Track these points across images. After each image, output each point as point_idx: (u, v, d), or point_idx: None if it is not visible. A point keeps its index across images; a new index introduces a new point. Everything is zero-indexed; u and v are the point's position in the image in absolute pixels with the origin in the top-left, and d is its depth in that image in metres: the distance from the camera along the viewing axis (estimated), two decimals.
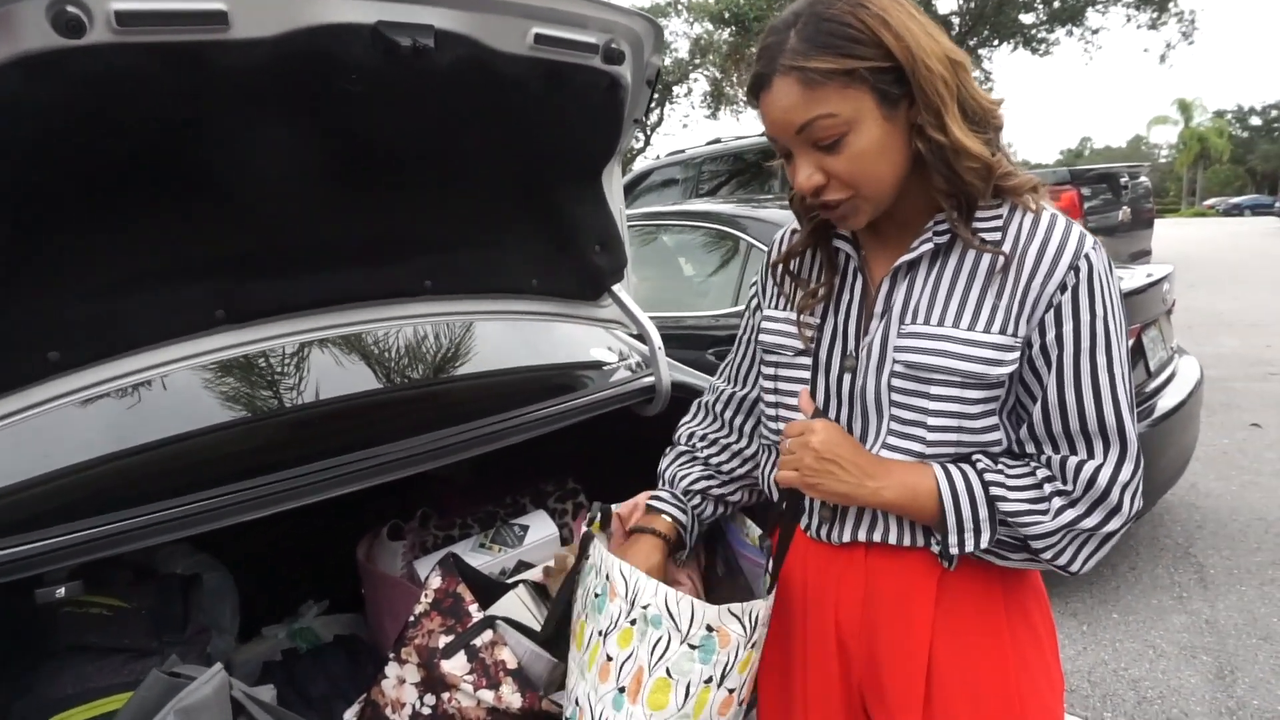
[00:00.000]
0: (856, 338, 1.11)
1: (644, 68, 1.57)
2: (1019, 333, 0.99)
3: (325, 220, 1.44)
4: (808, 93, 0.94)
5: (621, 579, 1.10)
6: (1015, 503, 1.00)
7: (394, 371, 1.89)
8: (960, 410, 1.02)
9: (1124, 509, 0.99)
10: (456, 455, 1.55)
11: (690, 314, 4.00)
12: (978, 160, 0.97)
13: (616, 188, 1.82)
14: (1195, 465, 4.07)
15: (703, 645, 1.03)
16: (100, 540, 1.21)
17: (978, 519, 1.01)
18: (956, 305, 1.02)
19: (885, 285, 1.08)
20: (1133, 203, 6.90)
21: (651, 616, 1.05)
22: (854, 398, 1.10)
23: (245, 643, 1.89)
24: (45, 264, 1.19)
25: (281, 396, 1.71)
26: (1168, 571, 3.46)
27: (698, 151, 8.26)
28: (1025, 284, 0.99)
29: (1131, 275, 3.49)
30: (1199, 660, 2.84)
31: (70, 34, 0.95)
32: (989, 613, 1.08)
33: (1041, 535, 1.00)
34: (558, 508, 1.99)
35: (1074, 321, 0.98)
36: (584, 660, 1.14)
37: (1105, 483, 0.98)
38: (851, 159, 0.97)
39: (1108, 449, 0.99)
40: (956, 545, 1.02)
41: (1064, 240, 0.99)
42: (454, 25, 1.25)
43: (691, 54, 22.46)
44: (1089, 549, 1.02)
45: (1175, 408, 3.31)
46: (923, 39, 0.95)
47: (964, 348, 1.00)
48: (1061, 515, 0.99)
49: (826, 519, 1.14)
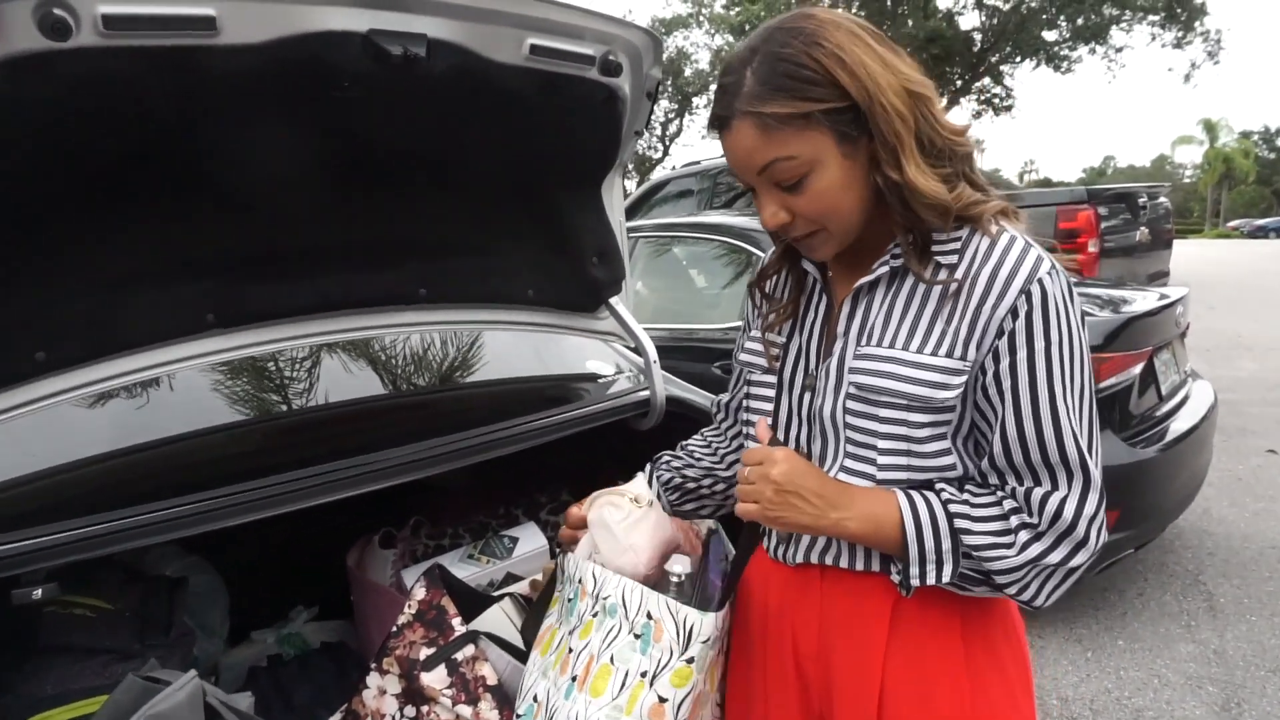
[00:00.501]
0: (818, 358, 1.10)
1: (643, 80, 1.56)
2: (967, 356, 0.97)
3: (318, 225, 1.44)
4: (765, 136, 0.94)
5: (591, 578, 1.12)
6: (980, 535, 0.97)
7: (388, 378, 1.88)
8: (907, 434, 1.00)
9: (1090, 542, 0.96)
10: (449, 464, 1.54)
11: (699, 326, 3.98)
12: (933, 200, 0.95)
13: (617, 199, 1.82)
14: (1208, 490, 4.01)
15: (643, 634, 1.03)
16: (85, 541, 1.21)
17: (940, 551, 0.98)
18: (908, 328, 1.01)
19: (848, 305, 1.08)
20: (1151, 223, 6.82)
21: (609, 606, 1.06)
22: (812, 418, 1.09)
23: (235, 646, 1.89)
24: (34, 264, 1.19)
25: (274, 401, 1.71)
26: (1176, 599, 3.40)
27: (714, 163, 8.25)
28: (976, 308, 0.96)
29: (1144, 297, 3.44)
30: (1205, 691, 2.78)
31: (56, 36, 0.95)
32: (945, 639, 1.05)
33: (1006, 570, 0.97)
34: (550, 519, 1.98)
35: (1027, 349, 0.95)
36: (548, 662, 1.15)
37: (1071, 515, 0.95)
38: (814, 198, 0.97)
39: (1070, 480, 0.96)
40: (918, 577, 0.99)
41: (1017, 264, 0.96)
42: (447, 34, 1.25)
43: (712, 65, 22.52)
44: (1052, 583, 0.99)
45: (1187, 432, 3.25)
46: (880, 75, 0.93)
47: (910, 370, 0.99)
48: (1027, 550, 0.96)
49: (784, 539, 1.13)
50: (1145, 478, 3.02)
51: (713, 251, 4.28)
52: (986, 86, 19.11)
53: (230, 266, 1.37)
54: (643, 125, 1.70)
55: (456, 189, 1.54)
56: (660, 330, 4.03)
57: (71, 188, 1.14)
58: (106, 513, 1.24)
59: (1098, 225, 5.80)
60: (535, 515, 1.98)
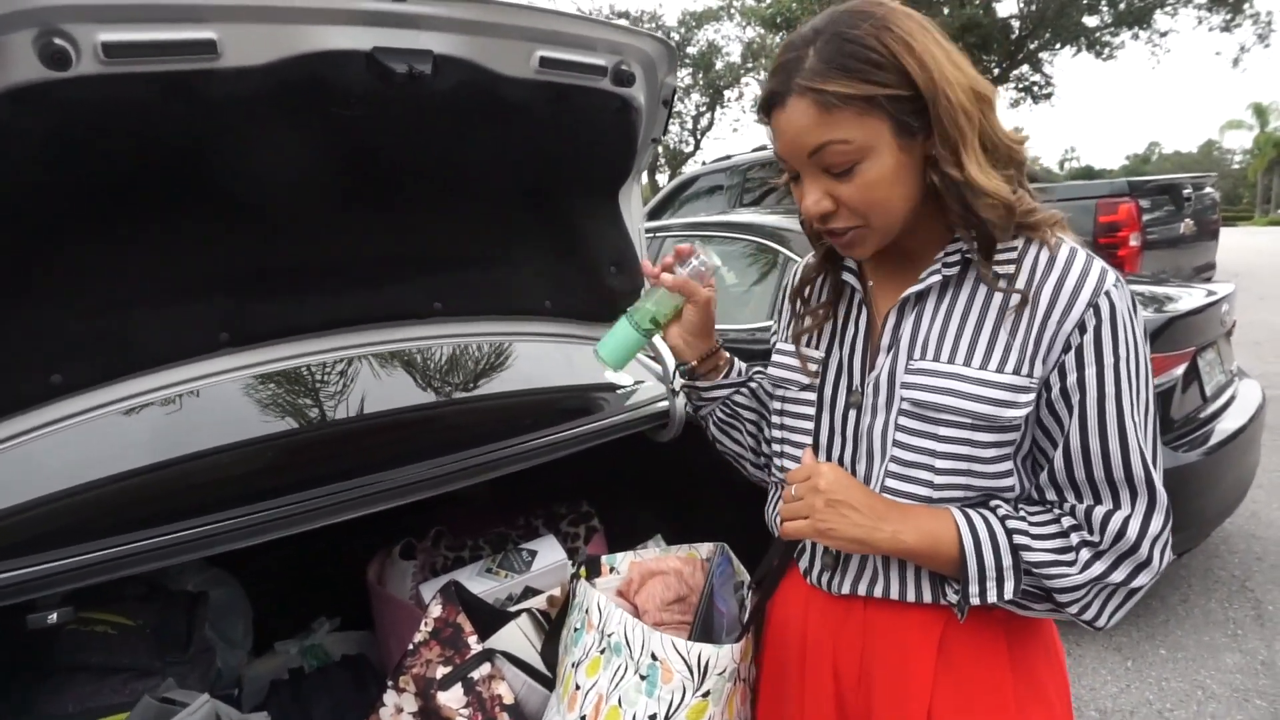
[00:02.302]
0: (862, 373, 1.07)
1: (659, 88, 1.53)
2: (1034, 373, 0.94)
3: (331, 242, 1.44)
4: (823, 116, 0.90)
5: (597, 610, 1.11)
6: (1041, 553, 0.95)
7: (406, 392, 1.88)
8: (971, 453, 0.96)
9: (1154, 563, 0.94)
10: (468, 481, 1.53)
11: (729, 327, 3.94)
12: (996, 199, 0.92)
13: (635, 207, 1.79)
14: (1256, 493, 3.88)
15: (648, 676, 1.01)
16: (104, 564, 1.21)
17: (1001, 569, 0.95)
18: (968, 342, 0.97)
19: (892, 317, 1.04)
20: (1196, 215, 6.61)
21: (614, 644, 1.05)
22: (859, 436, 1.05)
23: (258, 657, 1.90)
24: (46, 288, 1.20)
25: (293, 417, 1.71)
26: (1221, 606, 3.29)
27: (744, 158, 8.17)
28: (1041, 322, 0.93)
29: (1188, 295, 3.33)
30: (1252, 704, 2.68)
31: (57, 67, 0.95)
32: (993, 670, 1.02)
33: (1068, 589, 0.94)
34: (570, 531, 1.96)
35: (1096, 365, 0.92)
36: (559, 693, 1.14)
37: (1135, 535, 0.92)
38: (862, 187, 0.93)
39: (1134, 499, 0.93)
40: (978, 595, 0.95)
41: (1083, 277, 0.93)
42: (454, 50, 1.23)
43: (744, 58, 22.37)
44: (1115, 603, 0.96)
45: (1234, 434, 3.14)
46: (947, 69, 0.91)
47: (975, 387, 0.95)
48: (1090, 569, 0.93)
49: (829, 566, 1.09)
50: (1188, 482, 2.92)
51: (742, 251, 4.23)
52: (1025, 74, 18.69)
53: (242, 285, 1.37)
54: (660, 133, 1.67)
55: (469, 202, 1.52)
56: None
57: (80, 212, 1.14)
58: (125, 534, 1.24)
59: (1140, 218, 5.62)
60: (555, 526, 1.96)
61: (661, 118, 1.62)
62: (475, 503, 2.09)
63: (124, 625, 1.47)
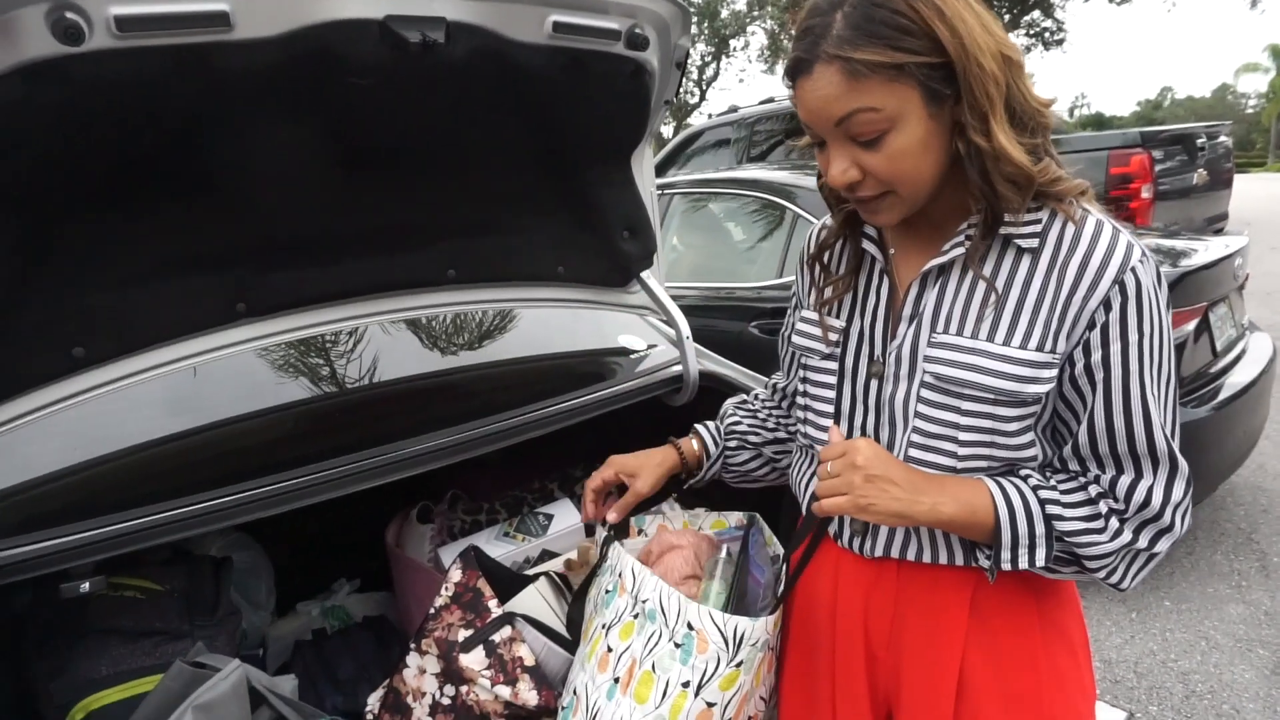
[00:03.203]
0: (884, 343, 1.07)
1: (672, 50, 1.51)
2: (1058, 349, 0.94)
3: (344, 212, 1.43)
4: (851, 84, 0.88)
5: (631, 575, 1.11)
6: (1073, 521, 0.97)
7: (422, 360, 1.89)
8: (994, 426, 0.98)
9: (1175, 529, 0.97)
10: (485, 448, 1.56)
11: (736, 285, 3.93)
12: (1018, 169, 0.91)
13: (648, 169, 1.77)
14: (1264, 444, 3.89)
15: (683, 645, 1.02)
16: (131, 535, 1.24)
17: (1034, 536, 0.97)
18: (991, 317, 0.97)
19: (915, 289, 1.04)
20: (1210, 164, 6.52)
21: (649, 610, 1.06)
22: (880, 406, 1.06)
23: (281, 618, 1.95)
24: (66, 262, 1.20)
25: (312, 385, 1.73)
26: (1227, 558, 3.33)
27: (750, 111, 8.05)
28: (1066, 298, 0.93)
29: (1201, 249, 3.30)
30: (1255, 654, 2.73)
31: (70, 41, 0.94)
32: (1023, 625, 1.05)
33: (1098, 555, 0.97)
34: None
35: (1121, 342, 0.93)
36: (585, 652, 1.15)
37: (1159, 503, 0.95)
38: (890, 157, 0.92)
39: (1156, 469, 0.96)
40: (1009, 561, 0.98)
41: (1109, 252, 0.92)
42: (467, 16, 1.21)
43: (750, 5, 21.91)
44: (1137, 566, 0.99)
45: (1243, 389, 3.15)
46: (979, 34, 0.89)
47: (998, 364, 0.95)
48: (1119, 537, 0.96)
49: (859, 531, 1.11)
50: (1197, 438, 2.93)
51: (749, 207, 4.19)
52: (1036, 20, 18.31)
53: (257, 256, 1.37)
54: (673, 95, 1.65)
55: (482, 169, 1.51)
56: (696, 289, 3.99)
57: (96, 186, 1.14)
58: (154, 505, 1.27)
59: (1152, 169, 5.55)
60: (570, 490, 1.98)
61: (674, 80, 1.60)
62: (491, 466, 2.11)
63: (153, 590, 1.51)
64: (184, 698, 1.17)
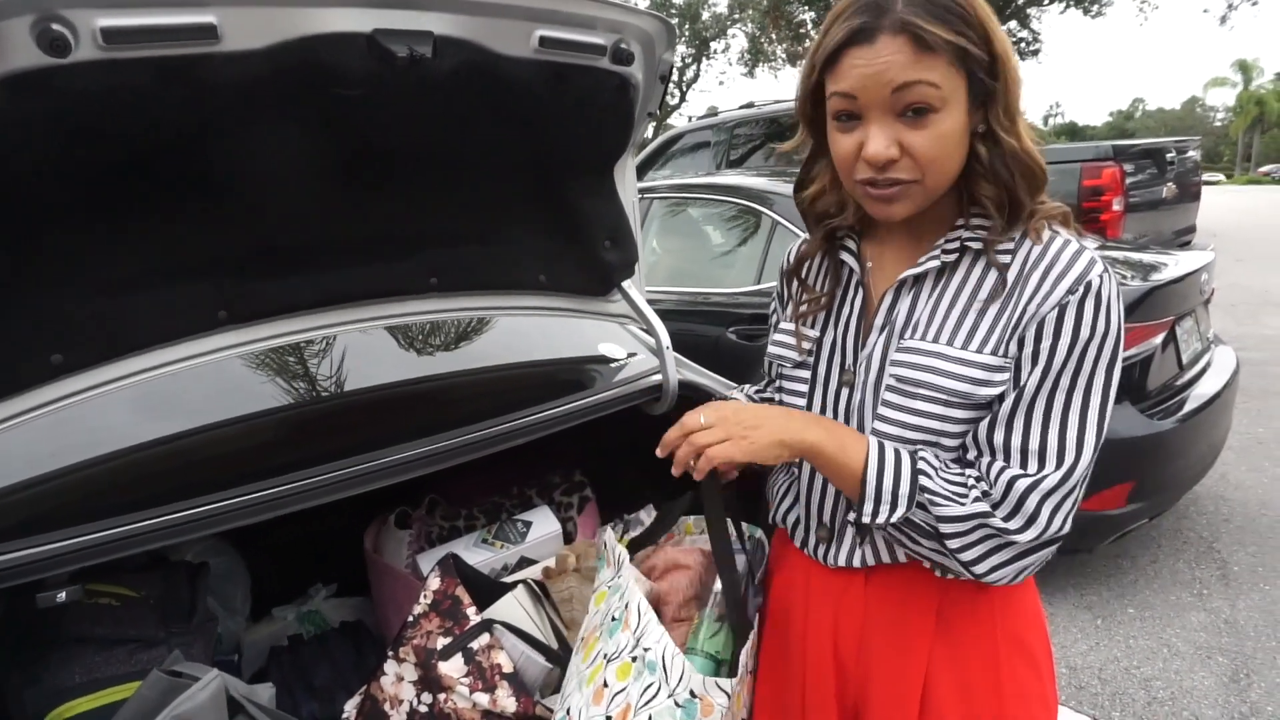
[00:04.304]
0: (855, 352, 1.10)
1: (656, 64, 1.53)
2: (1009, 353, 0.98)
3: (327, 220, 1.43)
4: (919, 55, 0.90)
5: (637, 614, 1.10)
6: (938, 483, 0.97)
7: (405, 367, 1.89)
8: (940, 428, 1.01)
9: (1040, 520, 0.94)
10: (466, 457, 1.56)
11: (713, 290, 3.95)
12: (1038, 172, 0.98)
13: (629, 180, 1.79)
14: (1227, 454, 3.97)
15: (685, 708, 1.01)
16: (108, 544, 1.22)
17: (896, 493, 0.97)
18: (954, 323, 1.01)
19: (888, 298, 1.07)
20: (1179, 178, 6.66)
21: (649, 661, 1.04)
22: (850, 413, 1.09)
23: (256, 623, 1.93)
24: (47, 268, 1.19)
25: (291, 393, 1.72)
26: (1189, 566, 3.40)
27: (731, 115, 8.10)
28: (1025, 304, 0.97)
29: (1168, 263, 3.37)
30: (1215, 661, 2.80)
31: (56, 53, 0.94)
32: (986, 637, 1.07)
33: (952, 519, 0.96)
34: (564, 500, 2.00)
35: (1053, 339, 0.95)
36: (585, 674, 1.15)
37: (1023, 489, 0.94)
38: (934, 137, 0.93)
39: (1040, 466, 0.96)
40: (870, 515, 0.98)
41: (1070, 264, 0.96)
42: (454, 30, 1.22)
43: (731, 8, 21.98)
44: (1000, 556, 0.97)
45: (1208, 401, 3.22)
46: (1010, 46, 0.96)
47: (954, 366, 0.99)
48: (977, 504, 0.95)
49: (824, 539, 1.13)
50: (1161, 450, 3.01)
51: (727, 213, 4.22)
52: (1013, 30, 18.55)
53: (240, 264, 1.37)
54: (656, 107, 1.66)
55: (465, 180, 1.52)
56: (674, 294, 4.01)
57: (79, 195, 1.13)
58: (131, 513, 1.26)
59: (1123, 183, 5.66)
60: (549, 496, 1.99)
61: (658, 92, 1.61)
62: (469, 472, 2.12)
63: (128, 597, 1.49)
64: (162, 707, 1.17)
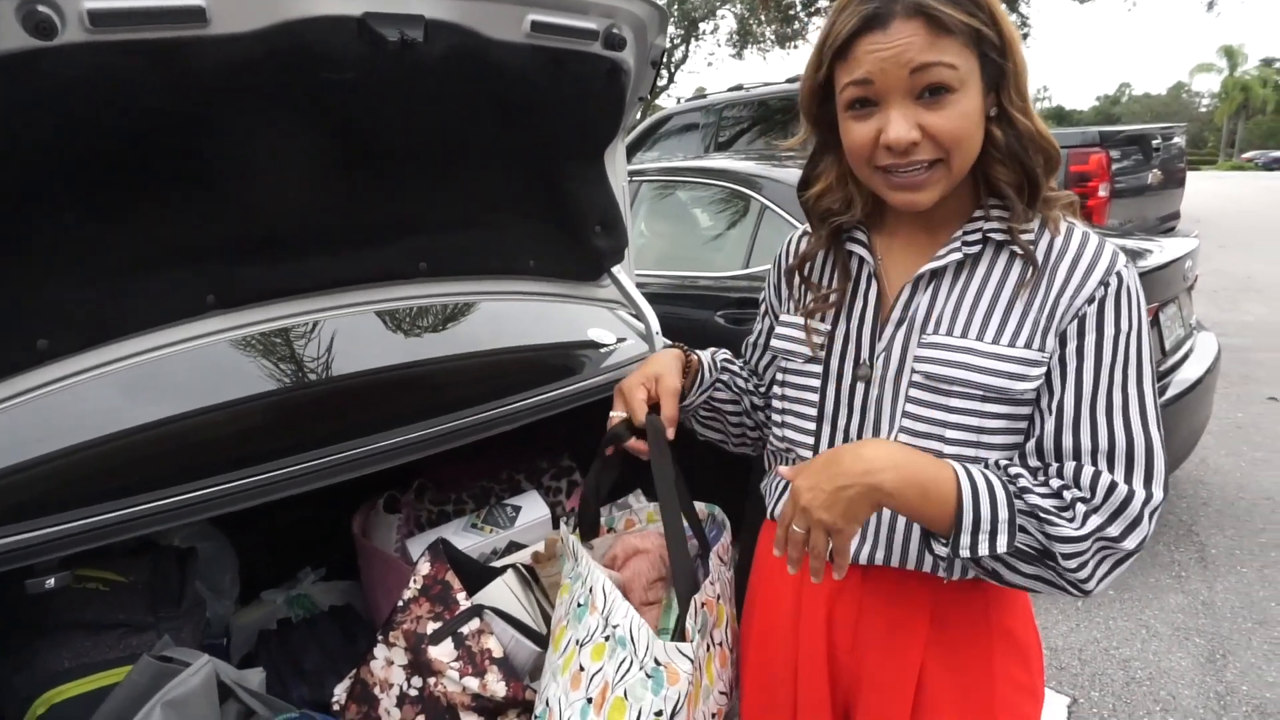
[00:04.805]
0: (871, 346, 1.08)
1: (648, 49, 1.52)
2: (1045, 347, 0.97)
3: (316, 205, 1.43)
4: (934, 36, 0.91)
5: (602, 594, 1.11)
6: (1040, 499, 0.92)
7: (394, 352, 1.88)
8: (980, 424, 0.99)
9: (1143, 525, 0.92)
10: (456, 443, 1.56)
11: (701, 274, 3.95)
12: (1053, 151, 0.99)
13: (620, 166, 1.78)
14: (1207, 439, 4.01)
15: (654, 676, 1.02)
16: (97, 530, 1.22)
17: (996, 520, 0.90)
18: (981, 317, 1.00)
19: (905, 293, 1.06)
20: (1164, 164, 6.70)
21: (620, 637, 1.06)
22: (865, 408, 1.08)
23: (245, 606, 1.94)
24: (33, 252, 1.18)
25: (281, 378, 1.71)
26: (1168, 549, 3.45)
27: (720, 97, 8.06)
28: (1055, 298, 0.97)
29: (1154, 250, 3.39)
30: (1192, 642, 2.85)
31: (42, 35, 0.93)
32: (980, 637, 1.08)
33: (1069, 539, 0.90)
34: (552, 485, 2.00)
35: (1096, 334, 0.96)
36: (558, 664, 1.16)
37: (1125, 493, 0.91)
38: (955, 117, 0.94)
39: (1128, 465, 0.93)
40: (968, 547, 0.90)
41: (1097, 255, 0.98)
42: (446, 14, 1.21)
43: None
44: (1107, 565, 0.93)
45: (1190, 387, 3.25)
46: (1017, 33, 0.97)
47: (988, 360, 0.98)
48: (1088, 521, 0.91)
49: None
50: None
51: (716, 196, 4.21)
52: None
53: (229, 249, 1.36)
54: (647, 92, 1.66)
55: (457, 165, 1.51)
56: (663, 277, 4.00)
57: (66, 179, 1.12)
58: (121, 499, 1.26)
59: (1109, 169, 5.69)
60: (537, 481, 2.00)
61: (649, 77, 1.61)
62: (458, 456, 2.12)
63: (116, 582, 1.49)
64: (152, 692, 1.17)
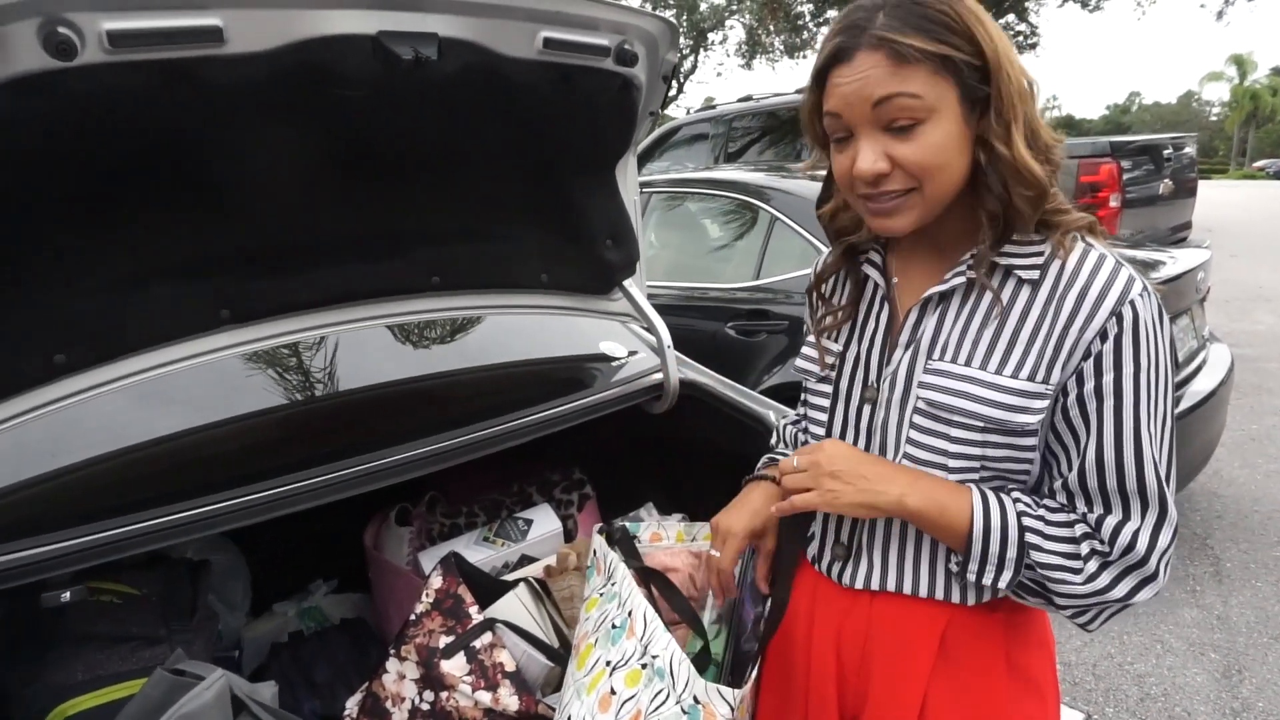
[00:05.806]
0: (879, 368, 1.07)
1: (659, 65, 1.53)
2: (1050, 380, 0.95)
3: (330, 219, 1.44)
4: (896, 68, 0.90)
5: (642, 620, 1.10)
6: (1049, 555, 0.96)
7: (407, 366, 1.89)
8: (982, 454, 0.98)
9: (1158, 578, 0.94)
10: (468, 457, 1.57)
11: (711, 285, 3.95)
12: (1035, 184, 0.93)
13: (631, 179, 1.79)
14: (1220, 451, 3.96)
15: (690, 713, 1.01)
16: (119, 542, 1.24)
17: (1003, 558, 0.96)
18: (986, 346, 0.98)
19: (914, 315, 1.04)
20: (1175, 174, 6.68)
21: (659, 668, 1.04)
22: (872, 430, 1.07)
23: (257, 618, 1.94)
24: (50, 268, 1.20)
25: (294, 391, 1.72)
26: (1183, 563, 3.42)
27: (729, 108, 8.09)
28: (1063, 329, 0.94)
29: (1165, 262, 3.38)
30: (1207, 658, 2.82)
31: (62, 56, 0.94)
32: (990, 668, 1.05)
33: (1068, 595, 0.96)
34: (563, 498, 2.00)
35: (1115, 373, 0.92)
36: (584, 682, 1.14)
37: (1144, 549, 0.93)
38: (923, 147, 0.92)
39: (1145, 511, 0.94)
40: (975, 574, 0.98)
41: (1108, 284, 0.92)
42: (459, 32, 1.22)
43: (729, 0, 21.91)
44: (1109, 613, 0.98)
45: (1203, 399, 3.22)
46: (1010, 49, 0.93)
47: (988, 391, 0.96)
48: (1095, 580, 0.94)
49: (839, 557, 1.11)
50: None
51: (724, 208, 4.22)
52: (1011, 24, 18.52)
53: (243, 264, 1.37)
54: (658, 106, 1.67)
55: (468, 180, 1.52)
56: (673, 289, 4.01)
57: (84, 196, 1.13)
58: (136, 513, 1.27)
59: (1120, 179, 5.67)
60: (549, 494, 2.00)
61: (660, 92, 1.61)
62: (469, 469, 2.12)
63: (129, 595, 1.50)
64: (166, 706, 1.17)
